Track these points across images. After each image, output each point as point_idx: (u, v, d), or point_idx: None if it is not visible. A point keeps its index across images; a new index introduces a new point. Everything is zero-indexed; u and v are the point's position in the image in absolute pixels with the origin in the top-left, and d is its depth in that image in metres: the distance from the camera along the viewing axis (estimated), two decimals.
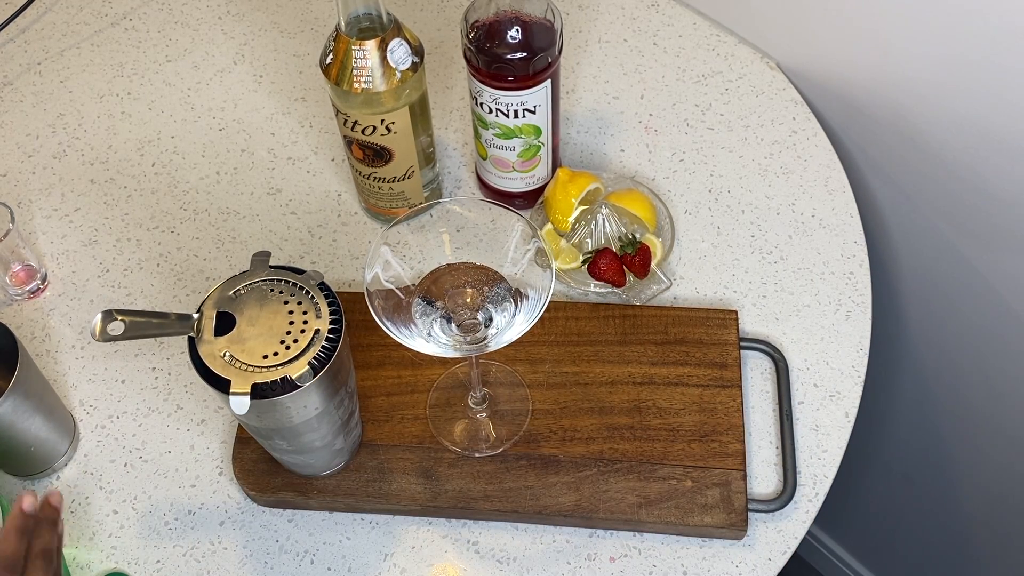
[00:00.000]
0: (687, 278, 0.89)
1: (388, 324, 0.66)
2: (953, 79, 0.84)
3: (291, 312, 0.64)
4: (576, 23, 1.07)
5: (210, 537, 0.78)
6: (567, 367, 0.81)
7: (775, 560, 0.74)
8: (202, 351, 0.63)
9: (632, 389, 0.80)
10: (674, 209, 0.93)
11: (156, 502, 0.79)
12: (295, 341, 0.63)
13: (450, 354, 0.68)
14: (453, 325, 0.70)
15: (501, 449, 0.78)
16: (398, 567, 0.76)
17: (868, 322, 0.86)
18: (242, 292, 0.65)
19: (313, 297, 0.65)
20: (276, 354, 0.63)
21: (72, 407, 0.84)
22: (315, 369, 0.63)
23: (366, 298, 0.65)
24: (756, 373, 0.83)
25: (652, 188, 0.93)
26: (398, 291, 0.68)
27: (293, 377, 0.62)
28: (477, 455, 0.78)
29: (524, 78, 0.80)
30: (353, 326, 0.84)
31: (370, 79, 0.78)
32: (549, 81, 0.82)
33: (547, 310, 0.65)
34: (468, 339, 0.69)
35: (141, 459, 0.82)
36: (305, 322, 0.64)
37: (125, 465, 0.81)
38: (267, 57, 1.07)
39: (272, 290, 0.65)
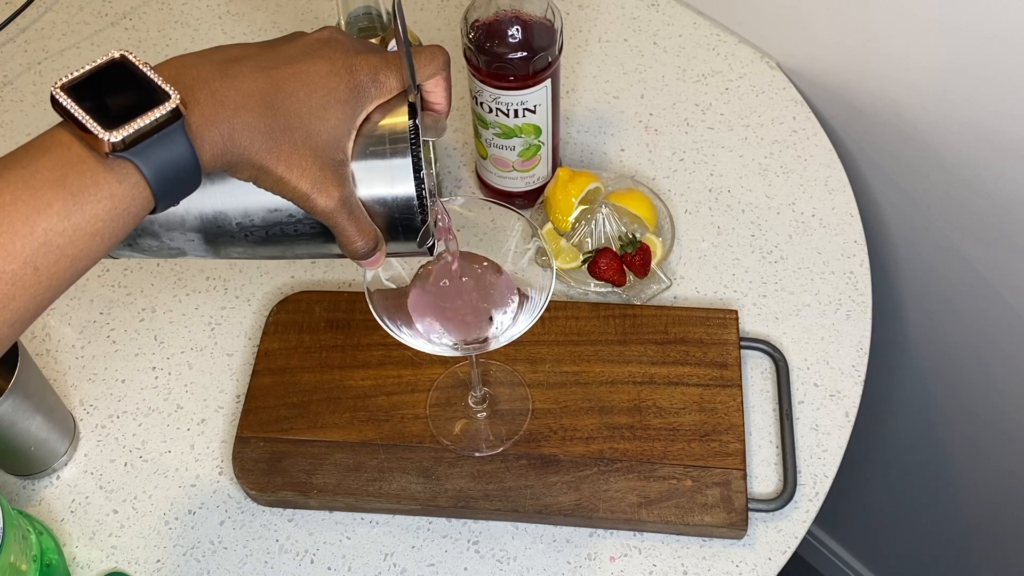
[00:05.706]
0: (687, 278, 0.89)
1: (389, 323, 0.66)
2: (954, 78, 0.84)
3: None
4: (576, 23, 1.07)
5: (210, 537, 0.78)
6: (567, 366, 0.81)
7: (775, 560, 0.74)
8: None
9: (632, 388, 0.80)
10: (674, 209, 0.93)
11: (156, 502, 0.79)
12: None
13: (450, 353, 0.68)
14: None
15: (501, 448, 0.78)
16: (398, 567, 0.76)
17: (868, 321, 0.86)
18: None
19: None
20: None
21: (72, 407, 0.84)
22: None
23: (366, 297, 0.65)
24: (756, 373, 0.83)
25: (652, 188, 0.93)
26: (399, 290, 0.68)
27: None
28: (477, 454, 0.78)
29: (524, 78, 0.80)
30: (353, 326, 0.84)
31: None
32: (549, 81, 0.82)
33: (547, 309, 0.65)
34: (468, 338, 0.69)
35: (141, 459, 0.82)
36: None
37: (125, 465, 0.81)
38: None
39: None
